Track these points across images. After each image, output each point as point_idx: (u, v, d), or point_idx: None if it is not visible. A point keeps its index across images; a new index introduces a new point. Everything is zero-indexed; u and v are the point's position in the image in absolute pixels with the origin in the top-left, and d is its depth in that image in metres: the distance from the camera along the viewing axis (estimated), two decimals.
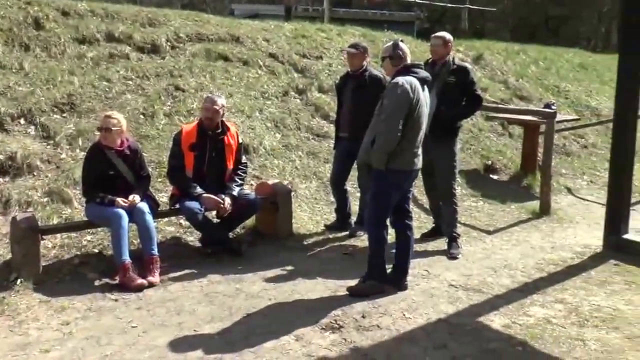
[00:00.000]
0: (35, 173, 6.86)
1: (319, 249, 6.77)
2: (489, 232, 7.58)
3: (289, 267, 6.18)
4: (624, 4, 6.92)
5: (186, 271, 6.00)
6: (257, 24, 11.95)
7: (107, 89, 8.41)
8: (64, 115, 7.77)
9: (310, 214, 7.60)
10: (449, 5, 21.29)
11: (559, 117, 9.52)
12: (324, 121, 9.45)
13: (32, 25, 9.13)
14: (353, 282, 5.57)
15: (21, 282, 5.46)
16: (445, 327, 4.89)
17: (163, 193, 6.96)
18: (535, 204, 8.53)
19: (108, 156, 5.95)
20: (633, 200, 7.60)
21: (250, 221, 6.90)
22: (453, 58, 6.75)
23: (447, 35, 6.77)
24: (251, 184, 7.50)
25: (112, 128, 5.90)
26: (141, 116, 8.18)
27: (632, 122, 6.74)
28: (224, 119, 6.47)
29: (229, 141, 6.44)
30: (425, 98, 5.40)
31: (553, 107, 9.83)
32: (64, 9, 9.78)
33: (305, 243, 6.91)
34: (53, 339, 4.65)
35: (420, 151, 5.47)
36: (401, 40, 5.61)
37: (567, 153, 11.34)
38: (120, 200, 5.83)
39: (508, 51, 14.38)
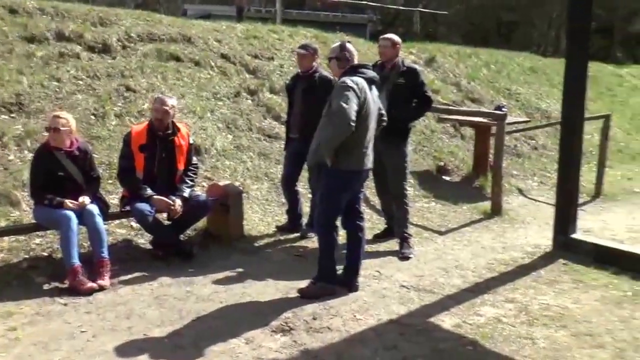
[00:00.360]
0: None
1: (270, 251, 6.75)
2: (440, 233, 7.65)
3: (240, 269, 6.15)
4: (570, 10, 7.06)
5: (137, 274, 5.93)
6: (209, 24, 11.89)
7: (57, 89, 8.28)
8: (12, 115, 7.61)
9: (262, 216, 7.57)
10: (402, 8, 21.46)
11: (509, 119, 9.67)
12: (275, 122, 9.44)
13: None
14: (304, 284, 5.56)
15: None
16: (396, 328, 4.91)
17: (114, 195, 6.86)
18: (486, 205, 8.65)
19: (57, 157, 5.83)
20: (581, 200, 7.77)
21: (201, 223, 6.83)
22: (402, 60, 6.79)
23: (396, 37, 6.81)
24: (203, 185, 7.44)
25: (61, 128, 5.79)
26: (92, 117, 8.06)
27: (579, 124, 6.87)
28: (174, 119, 6.40)
29: (179, 142, 6.38)
30: (373, 98, 5.41)
31: (504, 109, 9.98)
32: (12, 7, 9.63)
33: (256, 245, 6.88)
34: None
35: (369, 151, 5.48)
36: (348, 42, 5.62)
37: (518, 154, 11.53)
38: (69, 202, 5.73)
39: (460, 54, 14.56)
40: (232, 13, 14.55)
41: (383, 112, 5.76)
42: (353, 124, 5.11)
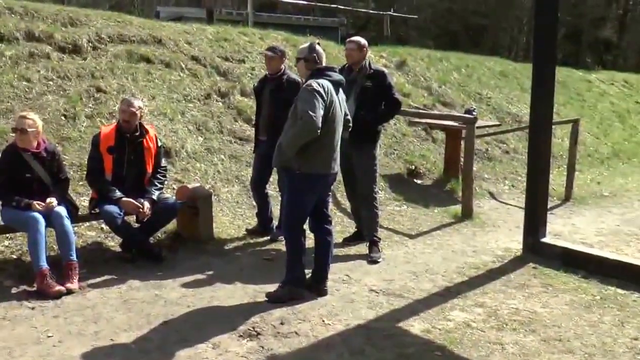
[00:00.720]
0: None
1: (239, 254, 6.73)
2: (411, 236, 7.66)
3: (209, 273, 6.12)
4: (535, 15, 7.13)
5: (106, 277, 5.89)
6: (180, 26, 11.78)
7: (26, 89, 8.20)
8: None
9: (232, 218, 7.54)
10: (372, 12, 21.52)
11: (480, 123, 9.73)
12: (246, 125, 9.38)
13: None
14: (273, 288, 5.54)
15: None
16: (364, 333, 4.90)
17: (85, 197, 6.79)
18: (457, 208, 8.69)
19: (24, 158, 5.79)
20: (551, 204, 7.81)
21: (171, 225, 6.80)
22: (369, 62, 6.80)
23: (362, 40, 6.81)
24: (173, 188, 7.39)
25: (28, 129, 5.75)
26: (62, 117, 8.00)
27: (547, 128, 6.94)
28: (142, 121, 6.38)
29: (147, 144, 6.36)
30: (339, 101, 5.41)
31: (474, 113, 10.03)
32: None
33: (226, 248, 6.85)
34: None
35: (336, 155, 5.48)
36: (318, 43, 5.61)
37: (489, 158, 11.60)
38: (36, 203, 5.68)
39: (431, 58, 14.60)
40: (204, 15, 14.45)
41: (349, 116, 5.77)
42: (319, 130, 5.12)
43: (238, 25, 13.45)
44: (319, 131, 5.11)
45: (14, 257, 6.05)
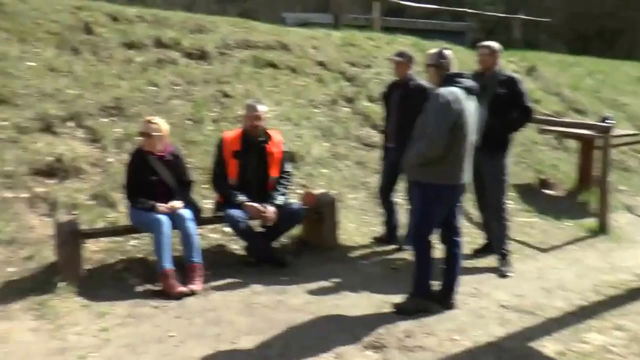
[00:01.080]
0: (81, 176, 6.88)
1: (365, 262, 6.58)
2: (542, 250, 7.28)
3: (334, 280, 6.01)
4: None
5: (228, 280, 5.91)
6: (306, 31, 11.88)
7: (154, 94, 8.43)
8: (112, 118, 7.80)
9: (357, 225, 7.38)
10: (502, 15, 20.88)
11: (616, 132, 9.16)
12: (372, 130, 9.24)
13: (82, 29, 9.29)
14: (399, 299, 5.36)
15: (64, 285, 5.44)
16: (494, 352, 4.64)
17: (209, 199, 6.85)
18: (592, 222, 8.20)
19: (149, 161, 5.92)
20: None
21: (295, 231, 6.76)
22: (502, 69, 6.51)
23: (495, 45, 6.54)
24: (298, 193, 7.34)
25: (153, 133, 5.89)
26: (188, 122, 8.16)
27: None
28: (266, 126, 6.39)
29: (272, 149, 6.35)
30: (470, 109, 5.18)
31: (610, 121, 9.46)
32: (114, 15, 9.93)
33: (351, 255, 6.72)
34: (90, 345, 4.61)
35: (467, 165, 5.24)
36: (447, 49, 5.39)
37: (625, 169, 10.92)
38: (160, 205, 5.79)
39: (562, 63, 14.03)
40: (330, 20, 14.46)
41: (482, 123, 5.52)
42: (441, 148, 4.96)
43: (365, 30, 13.38)
44: (443, 145, 4.95)
45: (140, 256, 6.18)
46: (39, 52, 8.52)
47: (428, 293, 5.33)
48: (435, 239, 5.35)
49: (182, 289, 5.51)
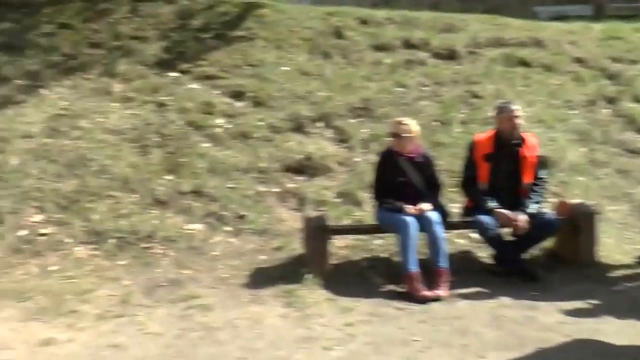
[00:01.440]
0: (329, 174, 7.21)
1: (628, 285, 5.90)
2: None
3: (592, 301, 5.46)
4: None
5: (474, 289, 5.69)
6: (562, 25, 11.29)
7: (402, 95, 8.54)
8: (360, 119, 8.05)
9: (618, 242, 6.69)
10: None
11: None
12: (637, 135, 8.49)
13: (332, 34, 9.80)
14: None
15: (310, 277, 5.63)
16: None
17: (457, 203, 6.67)
18: None
19: (398, 162, 5.91)
20: None
21: (548, 243, 6.32)
22: None
23: None
24: (550, 202, 6.87)
25: (403, 134, 5.90)
26: (435, 123, 8.12)
27: None
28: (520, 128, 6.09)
29: (526, 153, 6.02)
30: None
31: None
32: (364, 18, 10.29)
33: (611, 275, 6.08)
34: (335, 338, 4.71)
35: None
36: None
37: None
38: (408, 207, 5.73)
39: None
40: (589, 12, 13.53)
41: None
42: None
43: (631, 20, 12.32)
44: None
45: (384, 256, 6.20)
46: (292, 57, 9.16)
47: None
48: None
49: (427, 293, 5.42)
